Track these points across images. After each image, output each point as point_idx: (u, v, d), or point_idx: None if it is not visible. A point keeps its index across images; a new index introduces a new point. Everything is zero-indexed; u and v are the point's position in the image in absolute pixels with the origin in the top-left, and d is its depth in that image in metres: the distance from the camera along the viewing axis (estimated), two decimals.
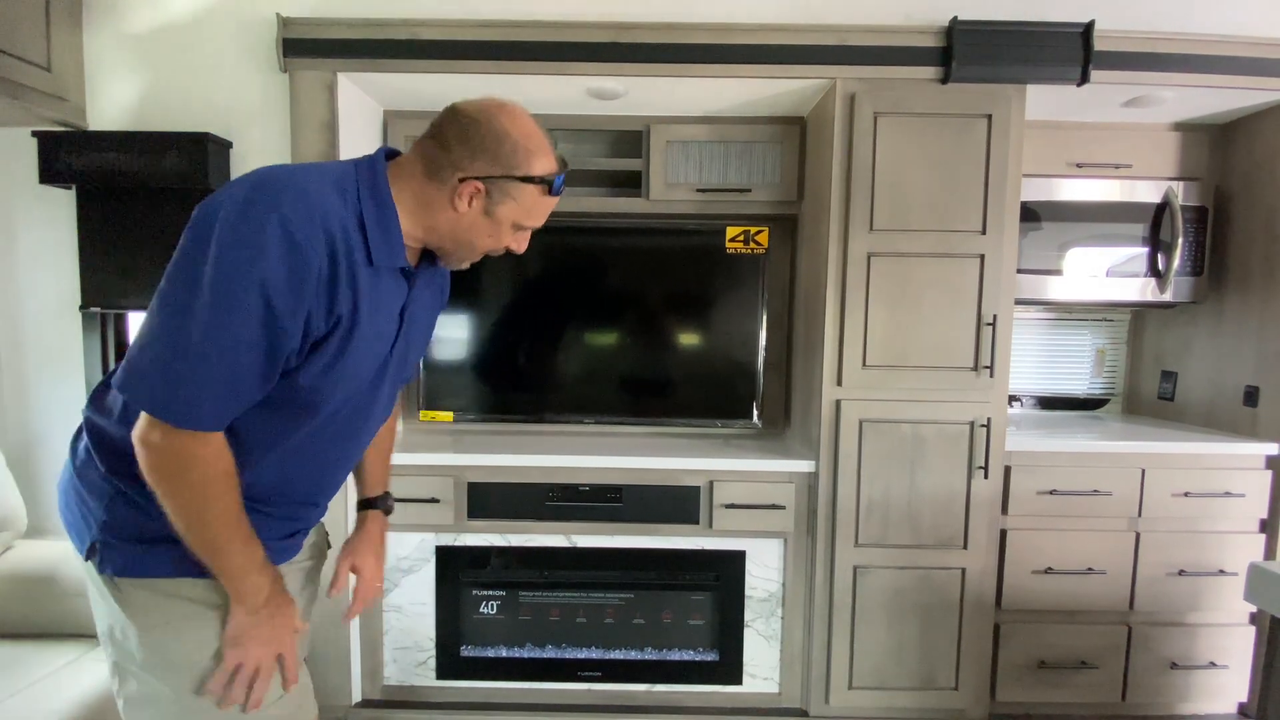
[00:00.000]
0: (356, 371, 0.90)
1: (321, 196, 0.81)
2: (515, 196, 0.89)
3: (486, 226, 0.91)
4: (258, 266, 0.75)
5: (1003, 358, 1.75)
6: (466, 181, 0.86)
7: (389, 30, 1.69)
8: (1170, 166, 2.05)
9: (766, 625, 1.91)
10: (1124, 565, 1.85)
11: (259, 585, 0.88)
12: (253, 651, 0.89)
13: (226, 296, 0.75)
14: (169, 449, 0.79)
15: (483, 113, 0.88)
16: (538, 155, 0.89)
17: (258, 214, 0.75)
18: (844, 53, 1.70)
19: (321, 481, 1.01)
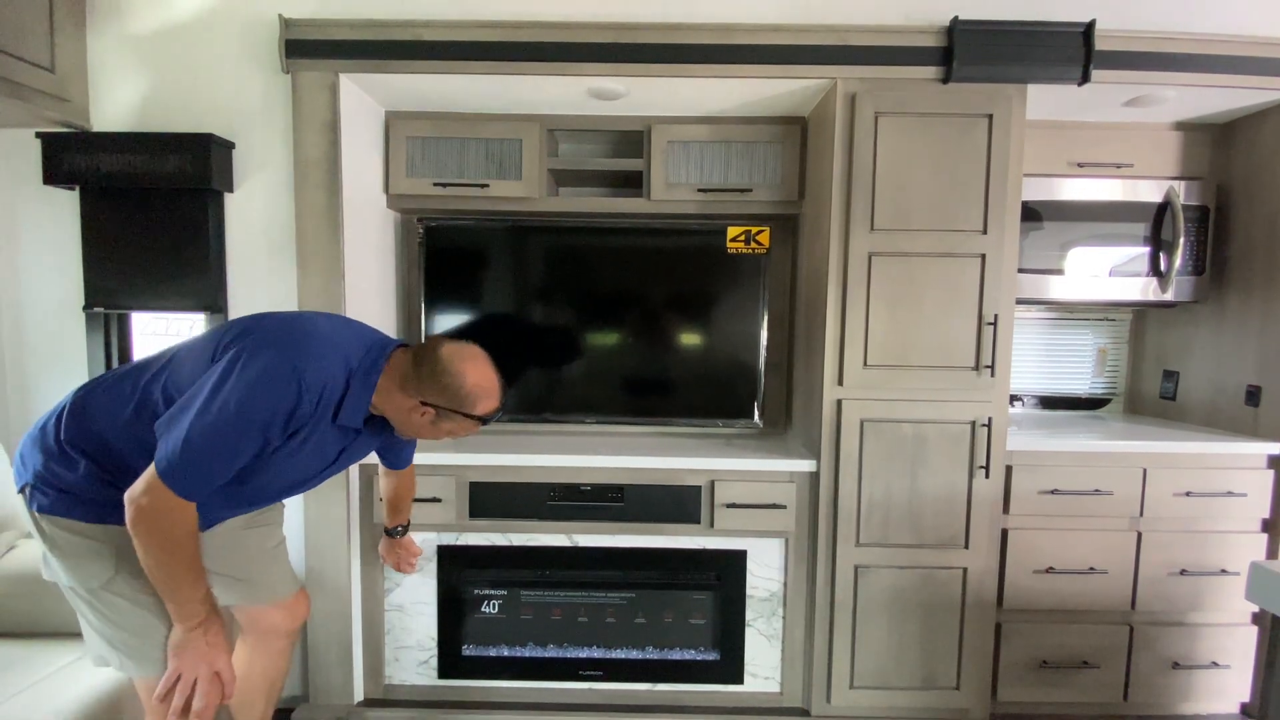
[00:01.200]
0: (289, 474, 1.22)
1: (331, 366, 1.13)
2: (456, 422, 1.22)
3: (430, 430, 1.24)
4: (270, 403, 1.07)
5: (1004, 357, 1.76)
6: (424, 406, 1.19)
7: (391, 31, 1.69)
8: (1172, 166, 2.05)
9: (768, 625, 1.91)
10: (1125, 565, 1.85)
11: (197, 612, 1.13)
12: (188, 662, 1.13)
13: (241, 418, 1.05)
14: (163, 508, 1.05)
15: (452, 359, 1.19)
16: (482, 400, 1.21)
17: (284, 368, 1.08)
18: (845, 53, 1.70)
19: (239, 513, 1.36)
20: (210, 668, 1.14)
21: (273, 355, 1.08)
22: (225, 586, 1.40)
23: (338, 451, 1.25)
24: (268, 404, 1.07)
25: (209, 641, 1.14)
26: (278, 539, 1.49)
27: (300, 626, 1.51)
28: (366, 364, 1.18)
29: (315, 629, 1.85)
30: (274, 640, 1.47)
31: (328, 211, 1.74)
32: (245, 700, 1.49)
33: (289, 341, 1.11)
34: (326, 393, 1.13)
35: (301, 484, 1.30)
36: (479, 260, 2.06)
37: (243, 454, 1.08)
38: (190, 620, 1.13)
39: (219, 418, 1.04)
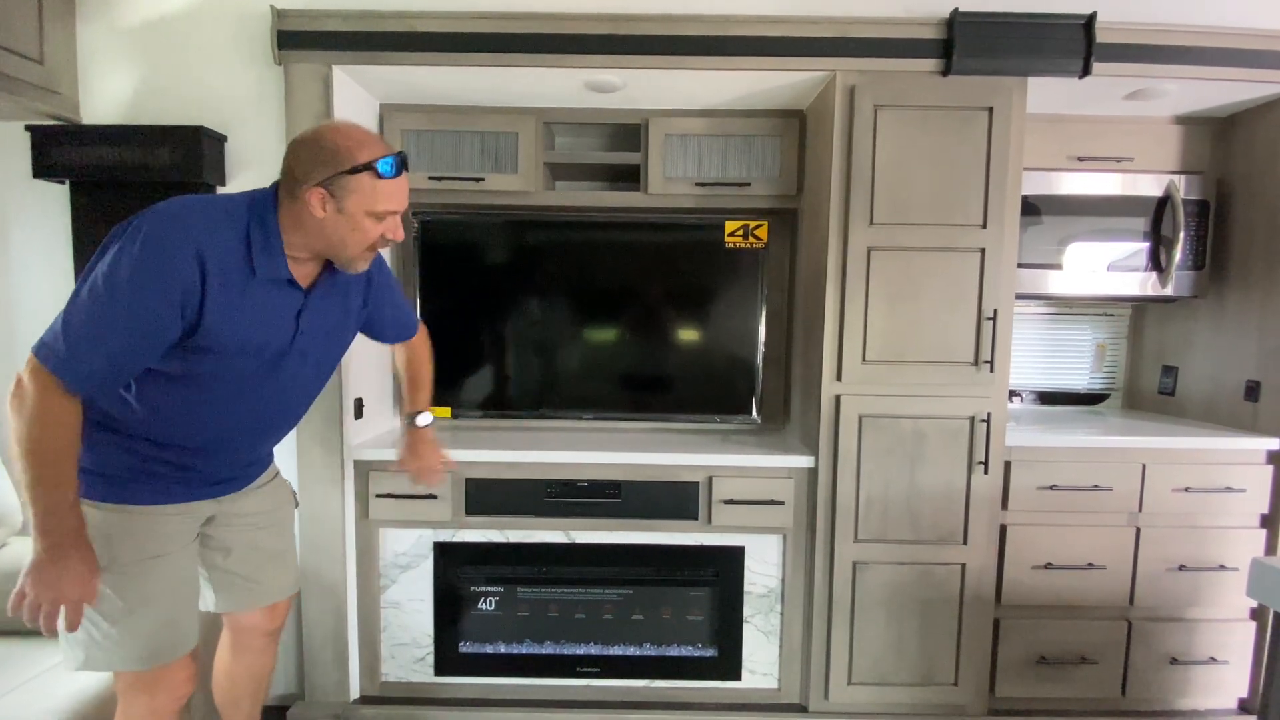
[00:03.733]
0: (241, 357, 1.12)
1: (203, 225, 1.04)
2: (354, 189, 1.08)
3: (346, 222, 1.10)
4: (149, 268, 1.00)
5: (1003, 352, 1.75)
6: (312, 190, 1.07)
7: (384, 22, 1.67)
8: (1172, 160, 2.04)
9: (766, 621, 1.90)
10: (1124, 560, 1.84)
11: (53, 528, 1.02)
12: (35, 585, 1.03)
13: (119, 289, 0.99)
14: (39, 392, 1.00)
15: (311, 133, 1.11)
16: (360, 149, 1.08)
17: (143, 237, 1.00)
18: (844, 45, 1.68)
19: (225, 445, 1.23)
20: (56, 600, 1.03)
21: (139, 227, 1.02)
22: (231, 588, 1.36)
23: (294, 316, 1.16)
24: (148, 269, 0.99)
25: (60, 570, 1.02)
26: (289, 540, 1.46)
27: (281, 625, 1.47)
28: (261, 205, 1.10)
29: (311, 626, 1.84)
30: (255, 639, 1.43)
31: None
32: (231, 699, 1.47)
33: (153, 215, 1.03)
34: (209, 245, 1.03)
35: (279, 366, 1.18)
36: (475, 254, 2.04)
37: (132, 339, 1.00)
38: (45, 538, 1.02)
39: (96, 292, 0.99)
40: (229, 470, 1.28)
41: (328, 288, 1.21)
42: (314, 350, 1.24)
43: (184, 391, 1.12)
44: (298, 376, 1.24)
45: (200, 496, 1.24)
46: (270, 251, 1.09)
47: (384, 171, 1.09)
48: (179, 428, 1.16)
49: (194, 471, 1.21)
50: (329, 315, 1.24)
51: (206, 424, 1.17)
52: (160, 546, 1.18)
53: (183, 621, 1.21)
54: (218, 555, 1.33)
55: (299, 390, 1.27)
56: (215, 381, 1.13)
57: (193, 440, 1.18)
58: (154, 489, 1.18)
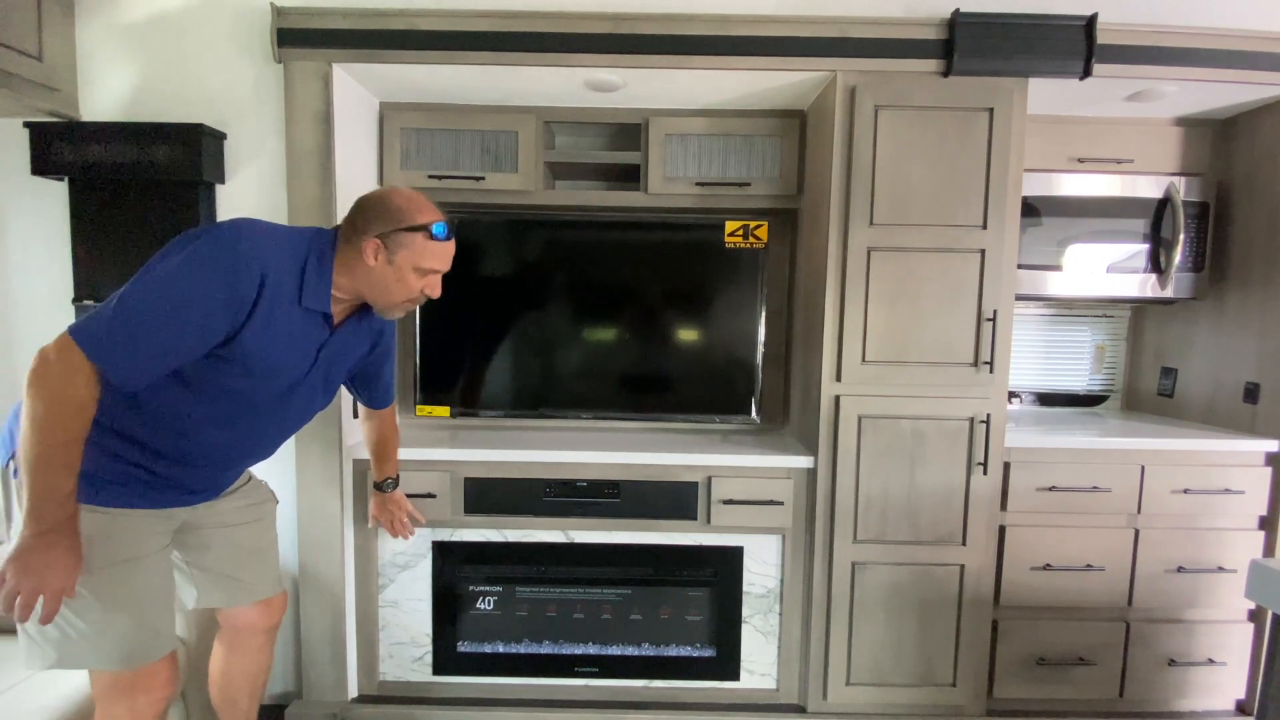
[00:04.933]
0: (263, 375, 1.17)
1: (273, 244, 1.12)
2: (406, 245, 1.19)
3: (392, 273, 1.20)
4: (204, 277, 1.04)
5: (1003, 353, 1.74)
6: (369, 240, 1.17)
7: (385, 20, 1.67)
8: (1172, 162, 2.04)
9: (764, 621, 1.90)
10: (1123, 562, 1.84)
11: (48, 513, 1.01)
12: (16, 573, 1.00)
13: (175, 287, 1.02)
14: (68, 372, 1.00)
15: (378, 193, 1.22)
16: (420, 213, 1.20)
17: (219, 242, 1.06)
18: (844, 45, 1.68)
19: (236, 453, 1.28)
20: (37, 589, 1.00)
21: (211, 233, 1.07)
22: (213, 585, 1.37)
23: (316, 349, 1.23)
24: (217, 273, 1.04)
25: (48, 558, 1.00)
26: (270, 538, 1.47)
27: (277, 623, 1.47)
28: (321, 242, 1.19)
29: (309, 625, 1.84)
30: (251, 638, 1.44)
31: (321, 204, 1.72)
32: (228, 699, 1.47)
33: (228, 225, 1.09)
34: (273, 267, 1.09)
35: (290, 396, 1.24)
36: (474, 254, 2.04)
37: (179, 334, 1.03)
38: (38, 523, 1.00)
39: (157, 286, 1.01)
40: (205, 483, 1.29)
41: (352, 328, 1.30)
42: (320, 384, 1.30)
43: (192, 402, 1.14)
44: (299, 407, 1.30)
45: (174, 504, 1.25)
46: (321, 285, 1.17)
47: (437, 233, 1.21)
48: (172, 438, 1.17)
49: (171, 481, 1.22)
50: (344, 354, 1.32)
51: (201, 439, 1.19)
52: (133, 550, 1.17)
53: (159, 624, 1.21)
54: (195, 553, 1.34)
55: (294, 418, 1.32)
56: (226, 398, 1.17)
57: (181, 451, 1.19)
58: (130, 492, 1.17)
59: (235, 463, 1.31)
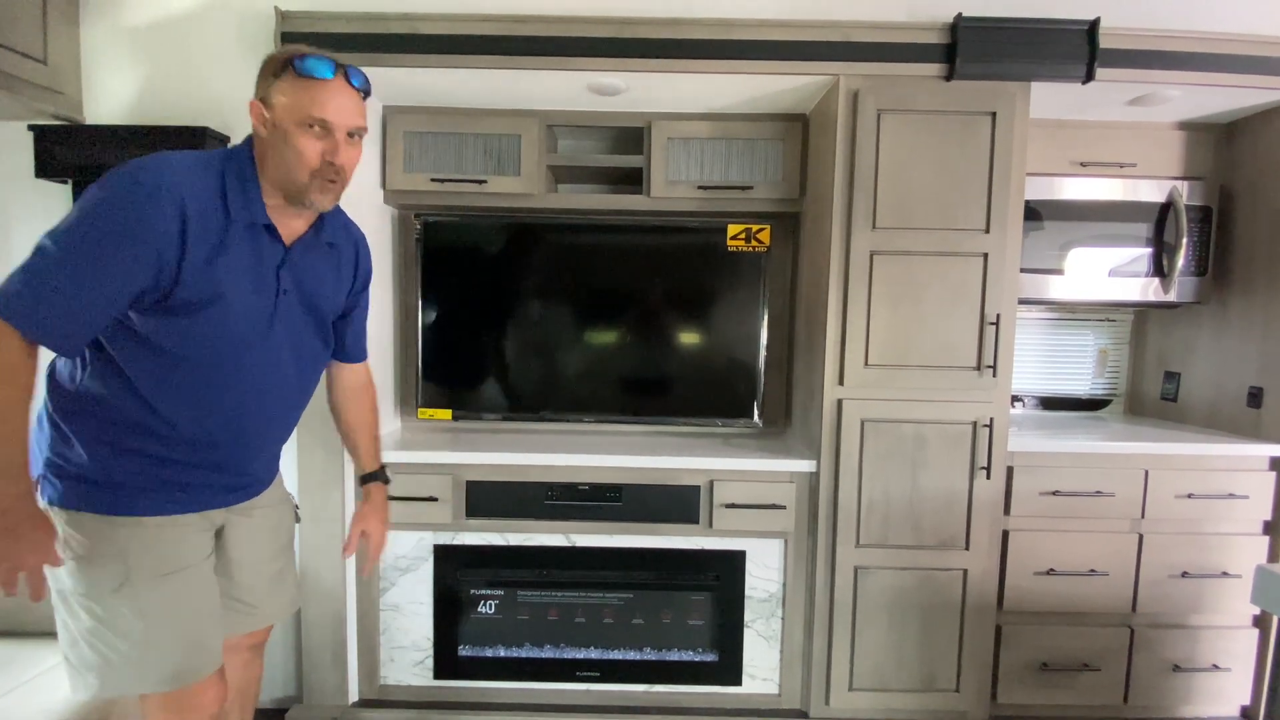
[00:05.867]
0: (230, 314, 1.06)
1: (182, 171, 1.00)
2: (282, 93, 1.03)
3: (280, 137, 1.04)
4: (112, 217, 0.95)
5: (1006, 358, 1.74)
6: (252, 105, 1.06)
7: (387, 24, 1.67)
8: (1175, 166, 2.03)
9: (766, 626, 1.89)
10: (1127, 567, 1.84)
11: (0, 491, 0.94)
12: None
13: (82, 235, 0.94)
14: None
15: None
16: (286, 56, 1.05)
17: (122, 183, 0.96)
18: (847, 49, 1.68)
19: (231, 433, 1.15)
20: (14, 568, 0.95)
21: (114, 172, 0.98)
22: (232, 612, 1.26)
23: (275, 271, 1.10)
24: (125, 214, 0.95)
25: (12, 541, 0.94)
26: (288, 559, 1.36)
27: (265, 639, 1.38)
28: (238, 151, 1.08)
29: (309, 628, 1.83)
30: (238, 654, 1.33)
31: None
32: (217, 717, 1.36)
33: (132, 162, 1.00)
34: (190, 191, 0.99)
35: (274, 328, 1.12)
36: (477, 257, 2.04)
37: (97, 281, 0.94)
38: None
39: (68, 237, 0.93)
40: (239, 469, 1.20)
41: (310, 244, 1.16)
42: (298, 320, 1.17)
43: (185, 366, 1.06)
44: (292, 344, 1.17)
45: (212, 504, 1.18)
46: (246, 193, 1.05)
47: (305, 67, 1.02)
48: (185, 409, 1.08)
49: (203, 469, 1.14)
50: (313, 276, 1.18)
51: (211, 403, 1.10)
52: (181, 560, 1.11)
53: (206, 639, 1.14)
54: (221, 579, 1.25)
55: (291, 371, 1.19)
56: (211, 347, 1.06)
57: (202, 426, 1.11)
58: (165, 497, 1.11)
59: (260, 436, 1.20)
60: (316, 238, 1.17)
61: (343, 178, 1.09)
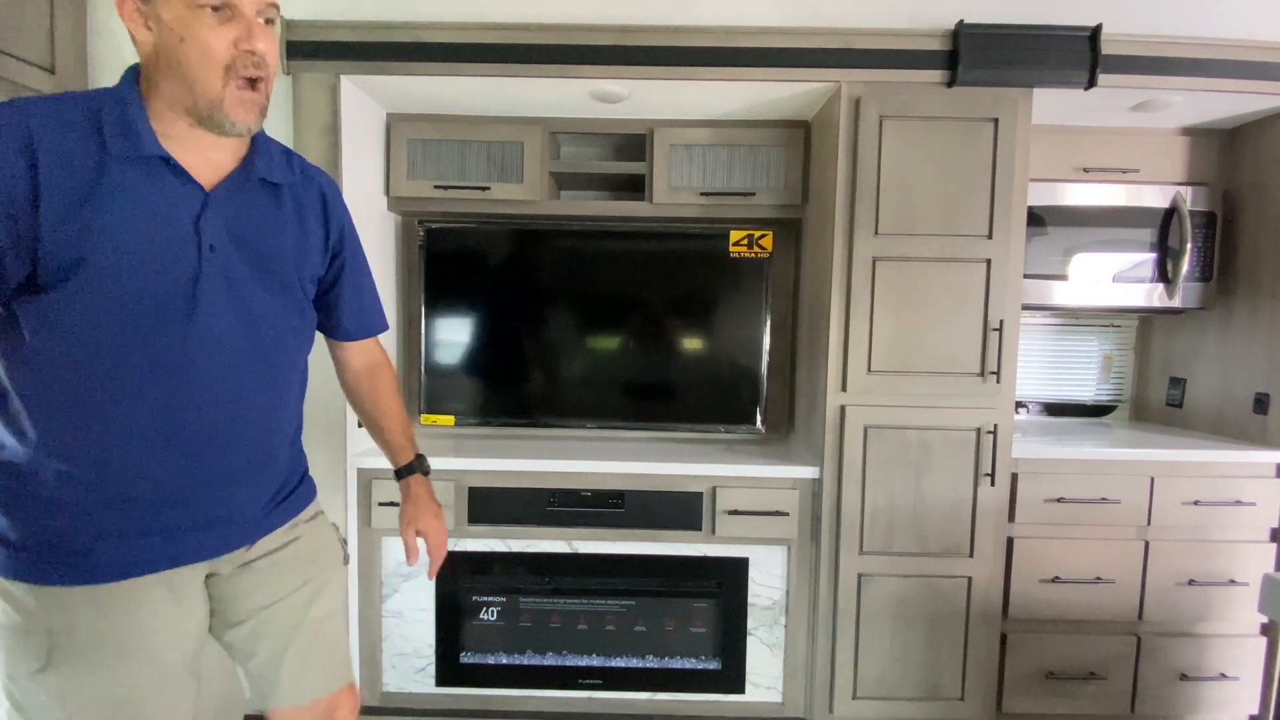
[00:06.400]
0: (127, 275, 0.80)
1: (35, 106, 0.79)
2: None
3: (173, 36, 0.79)
4: None
5: (1009, 364, 1.74)
6: (123, 8, 0.81)
7: (392, 33, 1.68)
8: (1178, 171, 2.03)
9: (770, 633, 1.88)
10: (1133, 574, 1.82)
11: None
12: None
13: None
14: None
15: None
16: None
17: None
18: (849, 56, 1.69)
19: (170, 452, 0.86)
20: None
21: None
22: (260, 680, 1.00)
23: (191, 221, 0.84)
24: None
25: None
26: (331, 608, 1.03)
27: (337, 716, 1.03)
28: (120, 82, 0.84)
29: None
30: None
31: None
32: None
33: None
34: (43, 123, 0.77)
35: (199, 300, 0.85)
36: (480, 263, 2.04)
37: None
38: None
39: None
40: (201, 503, 0.89)
41: (239, 184, 0.89)
42: (246, 285, 0.90)
43: (75, 367, 0.80)
44: (231, 327, 0.89)
45: (182, 557, 0.88)
46: (126, 119, 0.80)
47: None
48: (102, 416, 0.82)
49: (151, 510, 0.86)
50: (257, 227, 0.91)
51: (126, 415, 0.83)
52: (125, 637, 0.83)
53: None
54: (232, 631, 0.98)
55: (245, 355, 0.91)
56: (104, 330, 0.80)
57: (132, 437, 0.83)
58: (111, 550, 0.83)
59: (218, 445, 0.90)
60: (247, 175, 0.90)
61: (266, 76, 0.84)
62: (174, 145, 0.84)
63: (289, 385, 1.00)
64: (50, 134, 0.77)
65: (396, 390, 1.21)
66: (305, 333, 1.02)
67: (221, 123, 0.83)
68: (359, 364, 1.17)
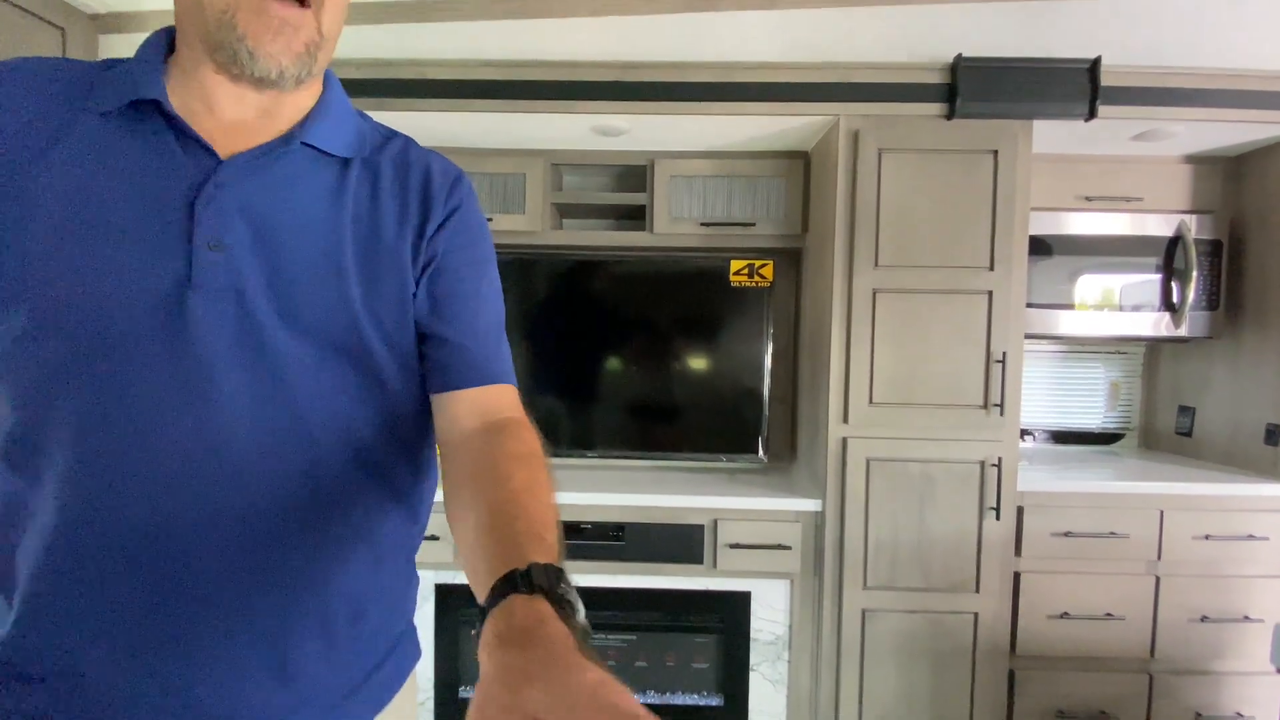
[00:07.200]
0: (43, 287, 0.49)
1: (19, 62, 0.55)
2: None
3: None
4: None
5: (1013, 396, 1.72)
6: None
7: (397, 70, 1.71)
8: (1183, 199, 2.02)
9: (773, 669, 1.85)
10: (1144, 611, 1.78)
11: None
12: None
13: None
14: None
15: None
16: None
17: None
18: (847, 90, 1.70)
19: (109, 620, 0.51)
20: None
21: None
22: None
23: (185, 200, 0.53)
24: None
25: None
26: None
27: None
28: None
29: None
30: None
31: None
32: None
33: None
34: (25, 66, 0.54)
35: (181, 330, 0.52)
36: None
37: None
38: None
39: None
40: (193, 698, 0.54)
41: (272, 156, 0.57)
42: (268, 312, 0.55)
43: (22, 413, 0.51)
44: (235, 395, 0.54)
45: None
46: (130, 69, 0.55)
47: None
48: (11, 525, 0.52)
49: (96, 699, 0.52)
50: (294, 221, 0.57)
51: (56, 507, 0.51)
52: None
53: None
54: None
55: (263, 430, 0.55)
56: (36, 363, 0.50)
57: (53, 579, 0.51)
58: None
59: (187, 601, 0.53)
60: (289, 144, 0.57)
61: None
62: (187, 101, 0.55)
63: (352, 495, 0.60)
64: (16, 91, 0.53)
65: (537, 460, 0.60)
66: (382, 401, 0.61)
67: (236, 51, 0.52)
68: (472, 428, 0.63)
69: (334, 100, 0.63)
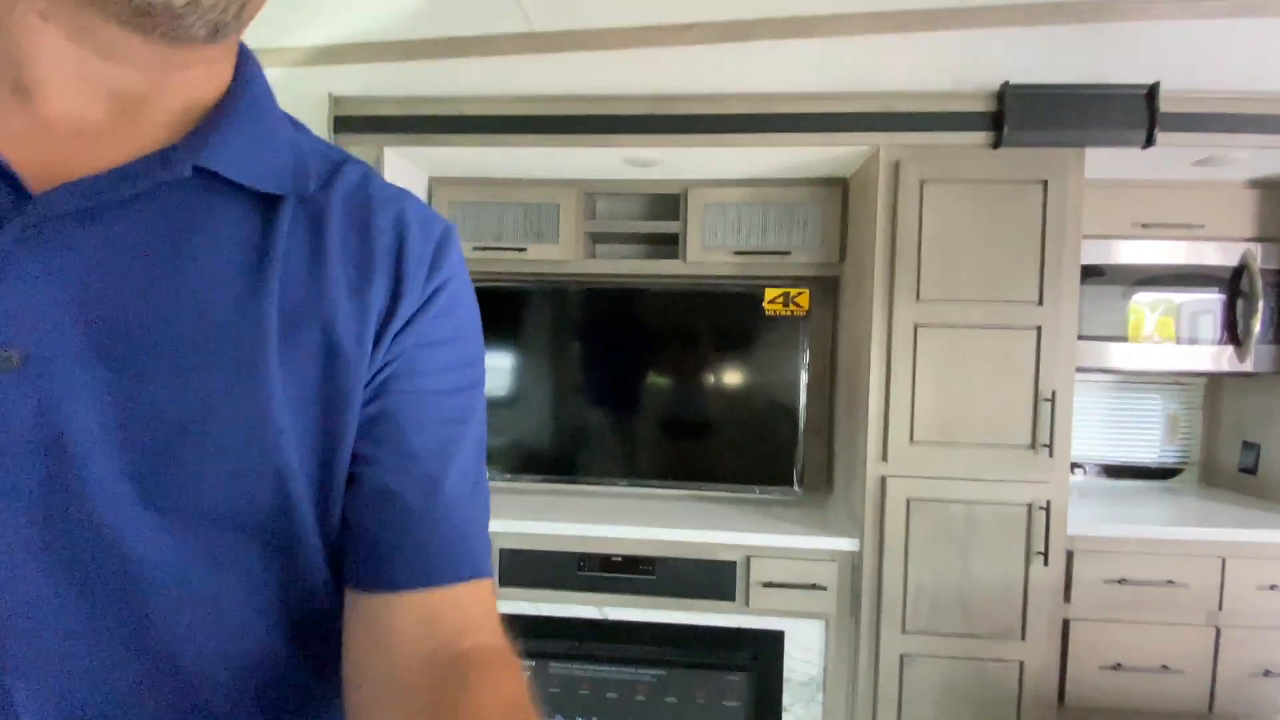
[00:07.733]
0: None
1: None
2: None
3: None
4: None
5: (1063, 435, 1.65)
6: None
7: (434, 107, 1.73)
8: (1247, 227, 1.91)
9: (806, 710, 1.81)
10: (1203, 664, 1.69)
11: None
12: None
13: None
14: None
15: None
16: None
17: None
18: (888, 120, 1.66)
19: None
20: None
21: None
22: None
23: None
24: None
25: None
26: None
27: None
28: None
29: None
30: None
31: None
32: None
33: None
34: None
35: None
36: (516, 322, 2.06)
37: None
38: None
39: None
40: None
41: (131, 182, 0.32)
42: (101, 459, 0.31)
43: None
44: (47, 566, 0.31)
45: None
46: None
47: None
48: None
49: None
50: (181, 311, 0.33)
51: None
52: None
53: None
54: None
55: (89, 641, 0.32)
56: None
57: None
58: None
59: None
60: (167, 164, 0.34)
61: None
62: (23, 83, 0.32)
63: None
64: None
65: None
66: (307, 609, 0.40)
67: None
68: (417, 659, 0.39)
69: (251, 95, 0.38)
